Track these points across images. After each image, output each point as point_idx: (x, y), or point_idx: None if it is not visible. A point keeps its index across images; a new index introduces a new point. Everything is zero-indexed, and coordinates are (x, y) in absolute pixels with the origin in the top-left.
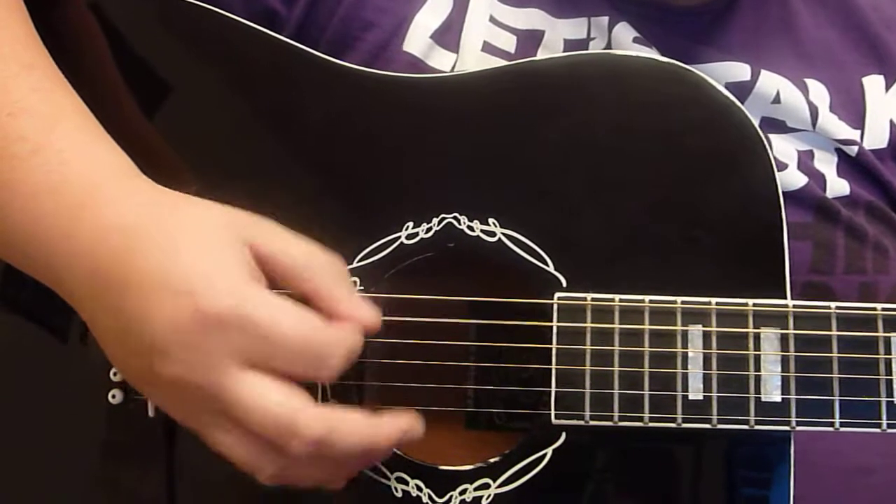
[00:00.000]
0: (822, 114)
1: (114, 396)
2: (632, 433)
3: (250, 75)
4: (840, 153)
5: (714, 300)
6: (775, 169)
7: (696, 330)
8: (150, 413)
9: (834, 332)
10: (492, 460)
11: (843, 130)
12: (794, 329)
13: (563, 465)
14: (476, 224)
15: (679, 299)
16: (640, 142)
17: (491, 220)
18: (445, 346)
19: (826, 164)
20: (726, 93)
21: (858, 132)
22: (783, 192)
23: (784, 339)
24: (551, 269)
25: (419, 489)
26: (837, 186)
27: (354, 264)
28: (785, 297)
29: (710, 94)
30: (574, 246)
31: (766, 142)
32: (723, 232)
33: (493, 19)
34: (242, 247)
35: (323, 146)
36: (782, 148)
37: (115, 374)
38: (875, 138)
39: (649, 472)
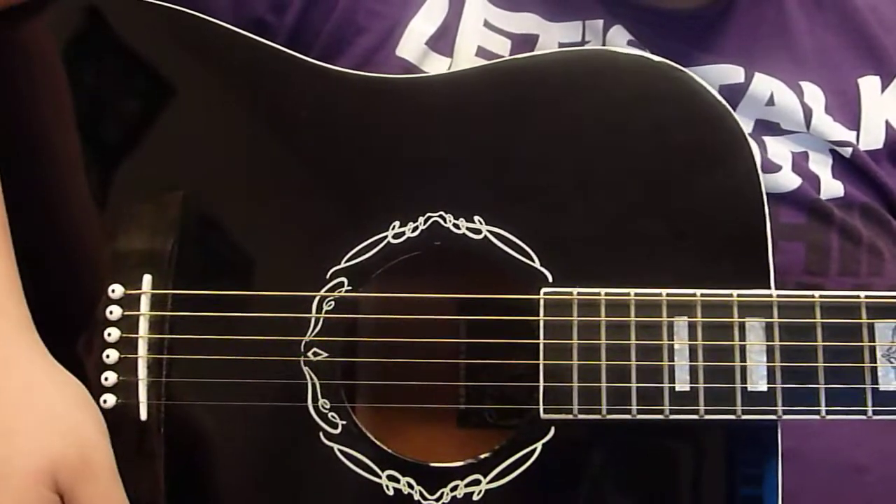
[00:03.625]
0: (817, 115)
1: (105, 401)
2: (620, 427)
3: (237, 78)
4: (835, 154)
5: (699, 291)
6: (758, 164)
7: (681, 322)
8: (143, 416)
9: (818, 321)
10: (482, 456)
11: (838, 132)
12: (779, 318)
13: (553, 459)
14: (462, 222)
15: (664, 291)
16: (625, 137)
17: (476, 218)
18: (434, 344)
19: (821, 165)
20: (711, 89)
21: (854, 133)
22: (777, 194)
23: (769, 329)
24: (537, 264)
25: (410, 487)
26: (832, 188)
27: (342, 264)
28: (769, 289)
29: (694, 90)
30: (559, 242)
31: (748, 137)
32: (707, 225)
33: (487, 23)
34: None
35: (309, 148)
36: (776, 149)
37: (106, 378)
38: (871, 139)
39: (638, 466)
